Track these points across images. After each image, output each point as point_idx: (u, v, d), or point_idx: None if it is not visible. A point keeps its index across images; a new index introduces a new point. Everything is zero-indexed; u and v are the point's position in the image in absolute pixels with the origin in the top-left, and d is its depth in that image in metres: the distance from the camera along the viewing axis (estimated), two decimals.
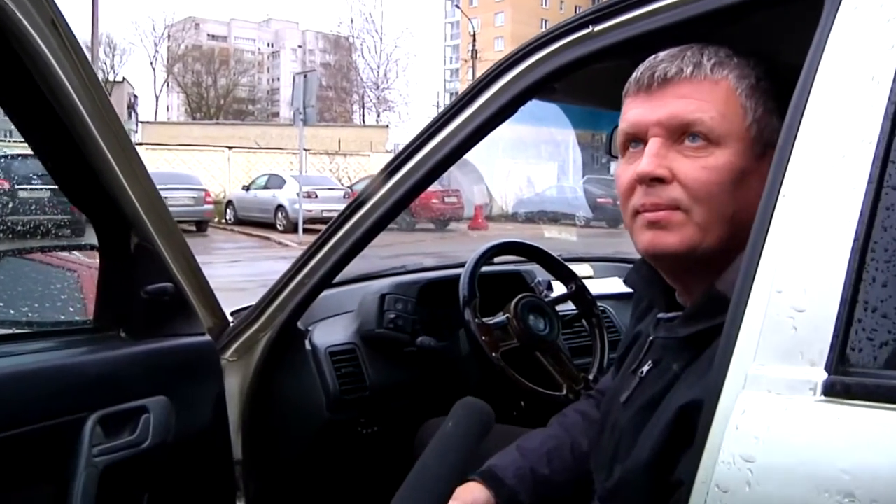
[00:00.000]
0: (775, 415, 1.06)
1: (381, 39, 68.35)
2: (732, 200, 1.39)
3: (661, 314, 1.59)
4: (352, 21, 71.91)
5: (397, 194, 2.11)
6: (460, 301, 2.62)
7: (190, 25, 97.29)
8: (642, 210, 1.44)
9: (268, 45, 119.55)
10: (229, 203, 29.71)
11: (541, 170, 31.83)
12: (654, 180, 1.41)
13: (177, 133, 42.48)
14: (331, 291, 2.70)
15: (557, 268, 3.01)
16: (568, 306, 2.96)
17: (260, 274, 14.55)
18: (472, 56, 58.12)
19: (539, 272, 3.14)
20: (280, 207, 26.52)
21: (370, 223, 2.17)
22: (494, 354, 2.55)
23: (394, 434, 2.69)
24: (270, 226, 26.44)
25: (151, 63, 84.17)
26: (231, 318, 2.53)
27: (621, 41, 1.60)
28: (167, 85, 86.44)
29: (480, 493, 1.78)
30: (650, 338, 1.61)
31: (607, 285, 3.53)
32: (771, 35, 1.47)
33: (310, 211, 24.18)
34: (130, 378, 2.13)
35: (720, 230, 1.40)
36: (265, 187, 27.86)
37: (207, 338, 2.37)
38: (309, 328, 2.71)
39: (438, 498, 1.38)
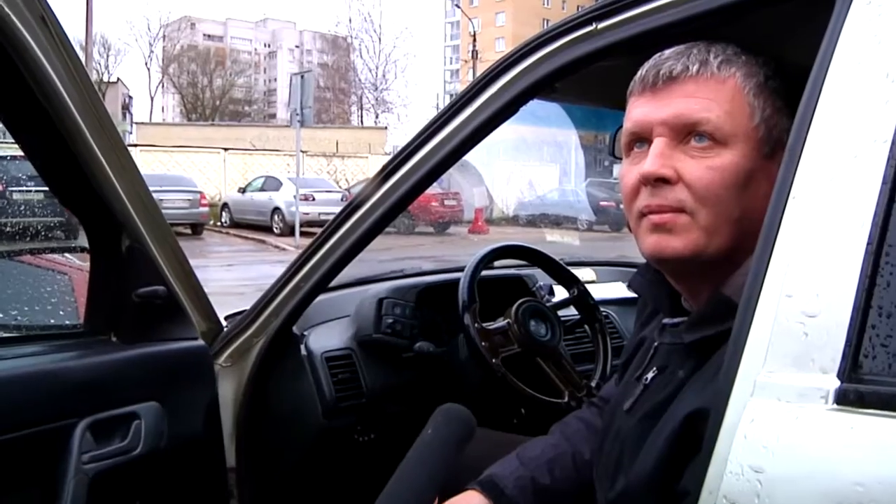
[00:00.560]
0: (785, 424, 1.04)
1: (380, 40, 68.38)
2: (739, 202, 1.38)
3: (667, 319, 1.58)
4: (350, 21, 71.78)
5: (395, 196, 2.10)
6: (460, 306, 2.60)
7: (185, 25, 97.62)
8: (647, 212, 1.43)
9: (265, 46, 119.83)
10: (225, 206, 29.76)
11: (542, 172, 31.91)
12: (659, 181, 1.40)
13: (172, 134, 42.53)
14: (327, 296, 2.69)
15: (559, 272, 3.00)
16: (570, 311, 2.95)
17: (255, 278, 14.57)
18: (473, 57, 58.22)
19: (540, 276, 3.13)
20: (276, 210, 26.54)
21: (367, 226, 2.15)
22: (494, 360, 2.53)
23: (391, 442, 2.67)
24: (266, 229, 26.46)
25: (146, 63, 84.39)
26: (225, 323, 2.52)
27: (625, 39, 1.59)
28: (162, 85, 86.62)
29: (480, 503, 1.76)
30: (655, 343, 1.60)
31: (610, 290, 3.52)
32: (779, 32, 1.46)
33: (307, 214, 24.16)
34: (121, 383, 2.12)
35: (726, 233, 1.39)
36: (261, 190, 27.87)
37: (201, 342, 2.36)
38: (305, 333, 2.70)
39: None
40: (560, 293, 3.04)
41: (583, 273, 3.30)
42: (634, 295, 1.77)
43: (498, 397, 2.57)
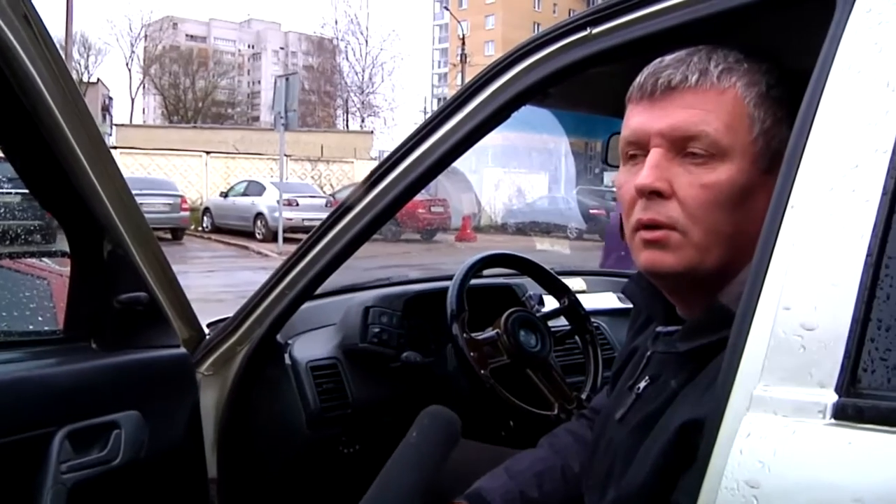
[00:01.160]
0: (782, 438, 1.04)
1: (367, 42, 68.14)
2: (733, 219, 1.38)
3: (661, 328, 1.58)
4: (336, 22, 71.50)
5: (383, 203, 2.09)
6: (448, 315, 2.60)
7: (168, 25, 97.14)
8: (639, 227, 1.43)
9: (248, 47, 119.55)
10: (206, 210, 29.70)
11: (532, 179, 31.93)
12: (654, 194, 1.40)
13: (153, 137, 42.32)
14: (312, 303, 2.68)
15: (549, 281, 3.00)
16: (560, 322, 2.95)
17: (237, 284, 14.55)
18: (462, 60, 58.21)
19: (530, 286, 3.13)
20: (259, 215, 26.47)
21: (354, 232, 2.15)
22: (483, 371, 2.53)
23: (376, 453, 2.66)
24: (249, 234, 26.41)
25: (127, 64, 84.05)
26: (207, 331, 2.51)
27: (620, 44, 1.59)
28: (143, 87, 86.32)
29: None
30: (648, 352, 1.60)
31: (601, 300, 3.52)
32: (777, 40, 1.46)
33: (290, 219, 24.17)
34: (101, 391, 2.11)
35: (720, 251, 1.39)
36: (244, 194, 27.81)
37: (182, 350, 2.35)
38: (289, 342, 2.69)
39: None
40: (550, 303, 3.04)
41: (573, 283, 3.30)
42: (626, 305, 1.77)
43: (486, 409, 2.57)
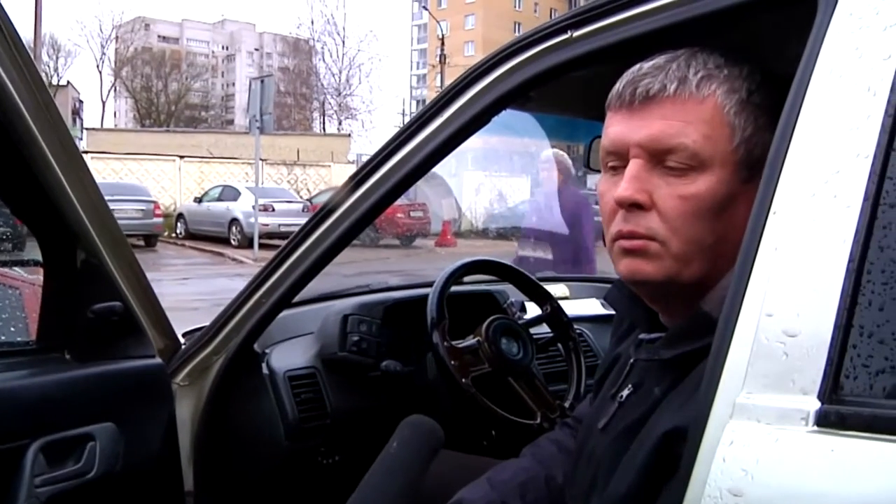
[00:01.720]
0: (765, 446, 1.05)
1: (344, 43, 68.05)
2: (713, 230, 1.39)
3: (643, 335, 1.59)
4: (312, 23, 71.31)
5: (362, 208, 2.09)
6: (428, 323, 2.59)
7: (139, 26, 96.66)
8: (618, 237, 1.44)
9: (222, 48, 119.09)
10: (180, 216, 29.58)
11: (513, 183, 31.87)
12: (633, 205, 1.41)
13: (125, 141, 42.18)
14: (290, 312, 2.68)
15: (531, 288, 3.00)
16: (543, 329, 2.95)
17: (213, 292, 14.48)
18: (441, 61, 58.07)
19: (512, 292, 3.13)
20: (234, 221, 26.39)
21: (333, 239, 2.15)
22: (464, 380, 2.53)
23: (356, 464, 2.66)
24: (224, 241, 26.30)
25: (98, 66, 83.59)
26: (183, 340, 2.51)
27: (601, 48, 1.59)
28: (114, 89, 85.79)
29: None
30: (631, 360, 1.61)
31: (584, 307, 3.53)
32: (760, 44, 1.47)
33: (266, 225, 24.10)
34: (75, 403, 2.11)
35: (700, 260, 1.40)
36: (218, 199, 27.72)
37: (158, 360, 2.35)
38: (266, 351, 2.69)
39: None
40: (532, 310, 3.04)
41: (556, 289, 3.31)
42: (609, 312, 1.78)
43: (468, 418, 2.57)
